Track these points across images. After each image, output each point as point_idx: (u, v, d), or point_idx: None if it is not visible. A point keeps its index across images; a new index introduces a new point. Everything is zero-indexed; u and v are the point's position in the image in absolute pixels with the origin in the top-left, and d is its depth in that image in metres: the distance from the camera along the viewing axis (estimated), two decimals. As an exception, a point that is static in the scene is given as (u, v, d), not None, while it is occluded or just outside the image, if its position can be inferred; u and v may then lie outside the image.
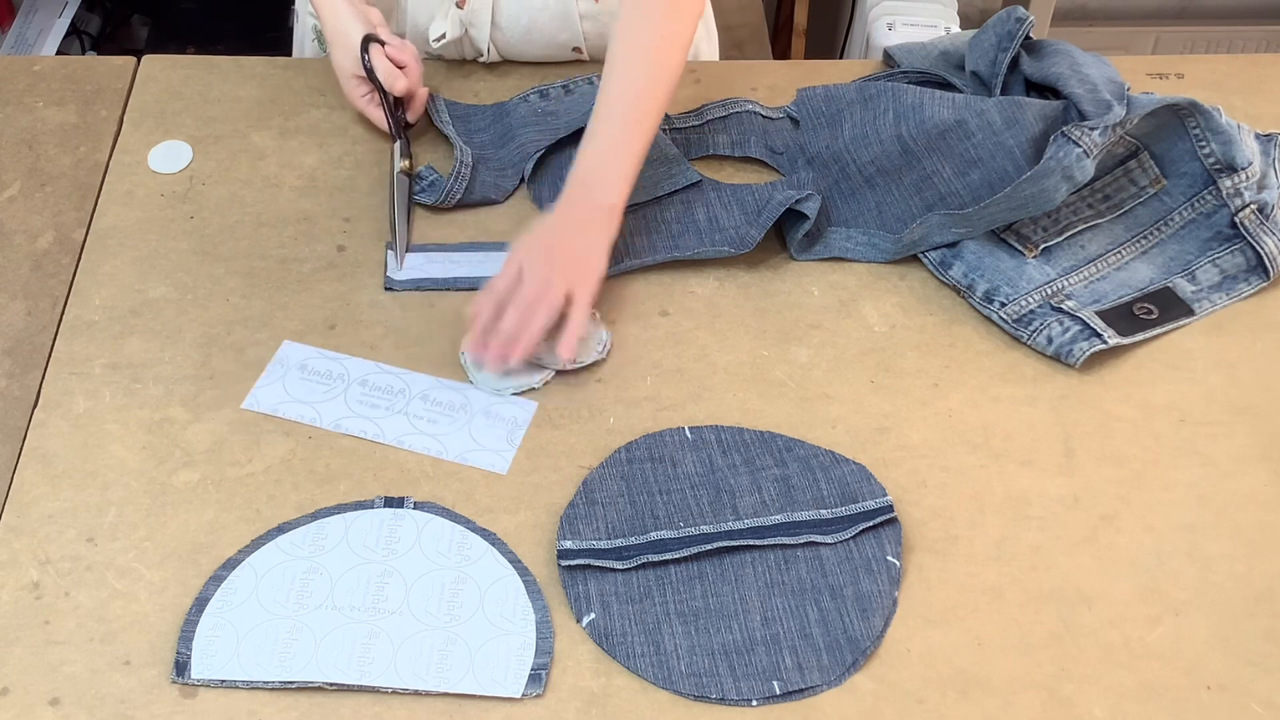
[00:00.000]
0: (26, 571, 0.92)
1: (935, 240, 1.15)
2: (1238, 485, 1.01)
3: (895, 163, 1.18)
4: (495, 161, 1.23)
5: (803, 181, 1.21)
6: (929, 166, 1.17)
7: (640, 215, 1.18)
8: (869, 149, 1.19)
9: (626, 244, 1.15)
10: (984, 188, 1.14)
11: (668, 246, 1.15)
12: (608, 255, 1.09)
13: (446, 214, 1.19)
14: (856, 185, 1.19)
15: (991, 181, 1.14)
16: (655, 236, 1.16)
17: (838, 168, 1.20)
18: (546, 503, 0.98)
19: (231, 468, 0.99)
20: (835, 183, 1.20)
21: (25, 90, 1.29)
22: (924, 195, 1.17)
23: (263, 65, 1.32)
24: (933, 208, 1.16)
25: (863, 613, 0.92)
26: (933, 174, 1.16)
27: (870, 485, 0.99)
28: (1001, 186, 1.13)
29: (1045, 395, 1.07)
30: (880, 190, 1.18)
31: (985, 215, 1.12)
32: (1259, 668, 0.90)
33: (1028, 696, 0.88)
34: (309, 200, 1.19)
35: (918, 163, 1.17)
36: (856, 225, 1.18)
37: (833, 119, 1.24)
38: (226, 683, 0.87)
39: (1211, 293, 1.14)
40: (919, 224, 1.14)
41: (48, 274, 1.12)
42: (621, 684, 0.88)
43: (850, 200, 1.19)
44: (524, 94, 1.29)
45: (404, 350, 1.08)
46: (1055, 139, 1.10)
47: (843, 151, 1.20)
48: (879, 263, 1.16)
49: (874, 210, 1.18)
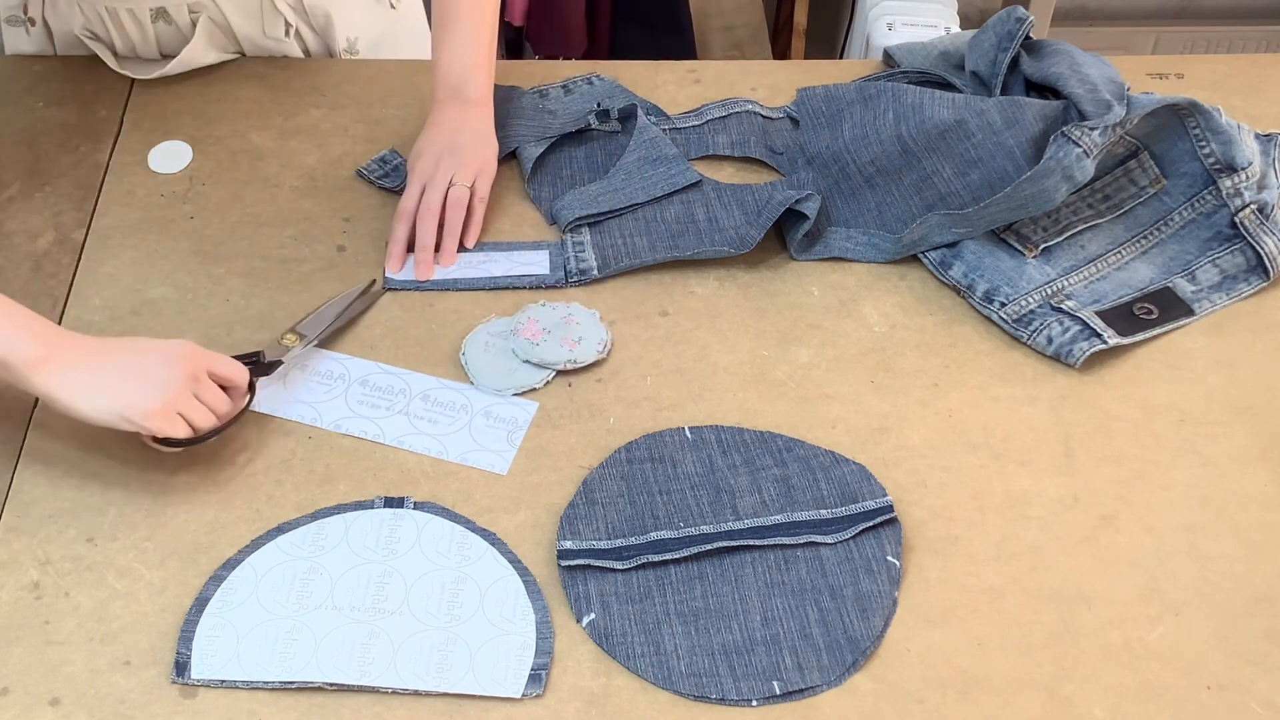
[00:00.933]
0: (26, 571, 0.92)
1: (935, 240, 1.15)
2: (1238, 485, 1.01)
3: (895, 163, 1.18)
4: None
5: (802, 181, 1.21)
6: (929, 166, 1.17)
7: (640, 215, 1.18)
8: (869, 149, 1.19)
9: (626, 244, 1.15)
10: (984, 188, 1.14)
11: (667, 246, 1.15)
12: (495, 143, 1.20)
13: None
14: (856, 185, 1.19)
15: (991, 181, 1.14)
16: (655, 237, 1.16)
17: (838, 168, 1.20)
18: (546, 503, 0.98)
19: (231, 468, 0.99)
20: (835, 183, 1.20)
21: (25, 90, 1.29)
22: (924, 195, 1.17)
23: (263, 65, 1.32)
24: (933, 208, 1.16)
25: (863, 613, 0.92)
26: (933, 174, 1.16)
27: (870, 485, 0.99)
28: (1001, 186, 1.13)
29: (1045, 395, 1.07)
30: (880, 190, 1.18)
31: (985, 215, 1.12)
32: (1259, 668, 0.90)
33: (1028, 696, 0.88)
34: (309, 200, 1.19)
35: (917, 163, 1.17)
36: (856, 225, 1.18)
37: (833, 119, 1.24)
38: (226, 683, 0.87)
39: (1211, 293, 1.14)
40: (919, 224, 1.14)
41: (48, 274, 1.12)
42: (621, 684, 0.88)
43: (850, 200, 1.19)
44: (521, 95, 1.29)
45: (404, 350, 1.08)
46: (1055, 139, 1.10)
47: (843, 152, 1.20)
48: (879, 262, 1.16)
49: (874, 210, 1.18)
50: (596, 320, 1.10)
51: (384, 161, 1.22)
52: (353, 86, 1.30)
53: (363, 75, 1.32)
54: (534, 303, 1.11)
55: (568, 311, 1.09)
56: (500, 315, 1.10)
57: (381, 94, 1.29)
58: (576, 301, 1.11)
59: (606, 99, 1.28)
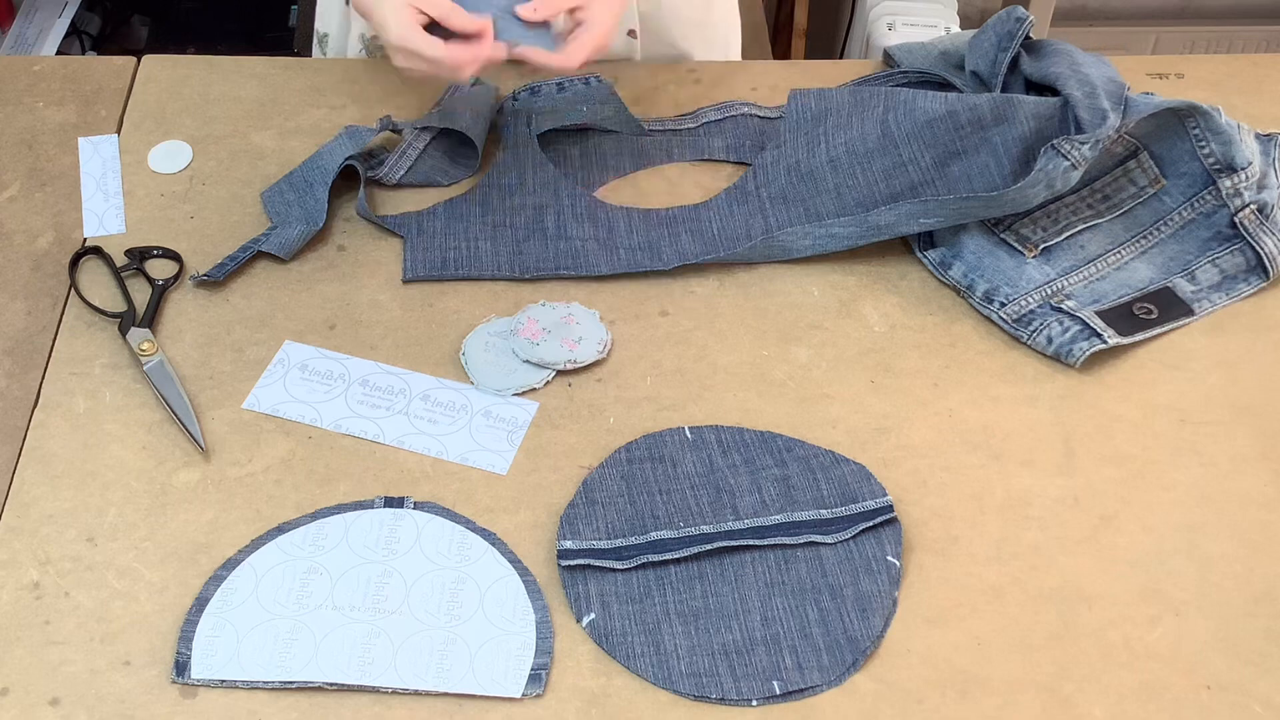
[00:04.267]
0: (26, 571, 0.93)
1: (902, 229, 1.13)
2: (1238, 485, 1.01)
3: (870, 146, 1.17)
4: (446, 146, 1.23)
5: (773, 196, 1.19)
6: (906, 154, 1.16)
7: (488, 219, 1.17)
8: (845, 133, 1.18)
9: (471, 249, 1.15)
10: (961, 180, 1.14)
11: (511, 256, 1.14)
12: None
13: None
14: (821, 177, 1.18)
15: (970, 175, 1.14)
16: (500, 242, 1.15)
17: (811, 182, 1.19)
18: (546, 503, 0.98)
19: (231, 468, 0.99)
20: (805, 199, 1.18)
21: (25, 90, 1.29)
22: (891, 183, 1.16)
23: (263, 65, 1.32)
24: (898, 196, 1.15)
25: (863, 613, 0.92)
26: (909, 161, 1.16)
27: (870, 485, 0.99)
28: (980, 180, 1.13)
29: (1045, 395, 1.07)
30: (843, 172, 1.17)
31: (963, 208, 1.11)
32: (1259, 668, 0.91)
33: (1028, 696, 0.88)
34: (309, 200, 1.19)
35: (894, 149, 1.16)
36: (813, 220, 1.16)
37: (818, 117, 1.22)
38: (226, 683, 0.87)
39: (1211, 293, 1.14)
40: (888, 209, 1.12)
41: (48, 274, 1.12)
42: (621, 684, 0.88)
43: (813, 199, 1.18)
44: (514, 92, 1.28)
45: (404, 350, 1.08)
46: (1045, 151, 1.10)
47: (820, 166, 1.19)
48: (838, 251, 1.14)
49: (832, 193, 1.17)
50: (596, 320, 1.10)
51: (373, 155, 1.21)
52: (353, 86, 1.30)
53: (363, 75, 1.32)
54: (534, 303, 1.11)
55: (567, 311, 1.10)
56: (500, 315, 1.10)
57: (381, 94, 1.29)
58: (576, 301, 1.11)
59: (598, 103, 1.26)
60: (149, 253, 1.13)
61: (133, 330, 1.06)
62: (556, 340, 1.07)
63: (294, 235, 1.13)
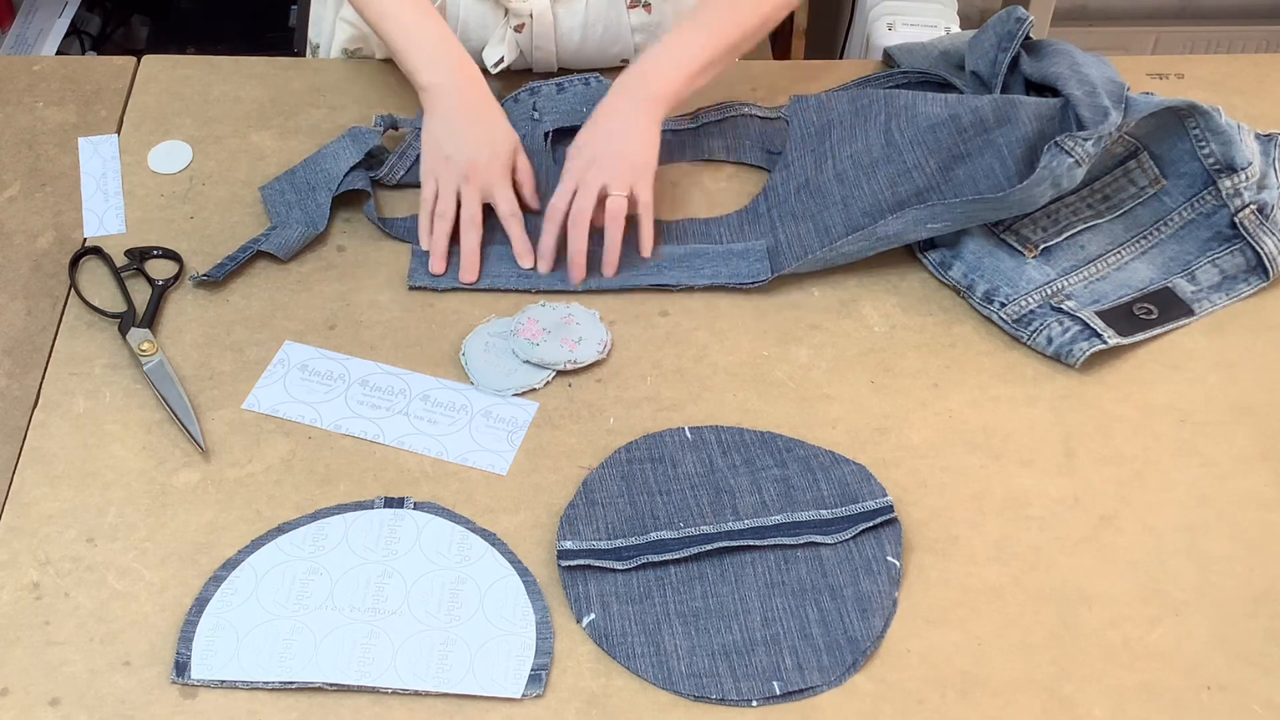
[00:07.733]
0: (26, 572, 0.92)
1: (910, 236, 1.13)
2: (1238, 485, 1.01)
3: (875, 155, 1.17)
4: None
5: (783, 215, 1.18)
6: (911, 160, 1.16)
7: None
8: (851, 145, 1.18)
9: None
10: (967, 183, 1.14)
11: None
12: (657, 144, 1.12)
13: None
14: (829, 191, 1.18)
15: (975, 178, 1.14)
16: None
17: (820, 197, 1.19)
18: (546, 503, 0.98)
19: (231, 468, 0.99)
20: (813, 214, 1.18)
21: (25, 90, 1.29)
22: (898, 189, 1.16)
23: (263, 65, 1.32)
24: (905, 203, 1.15)
25: (863, 613, 0.92)
26: (914, 167, 1.16)
27: (870, 485, 0.99)
28: (986, 183, 1.13)
29: (1045, 395, 1.07)
30: (849, 184, 1.17)
31: (969, 211, 1.12)
32: (1259, 668, 0.90)
33: (1028, 697, 0.88)
34: (309, 200, 1.19)
35: (899, 156, 1.16)
36: (822, 234, 1.16)
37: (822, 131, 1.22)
38: (226, 683, 0.87)
39: (1211, 293, 1.14)
40: (895, 218, 1.12)
41: (48, 274, 1.12)
42: (621, 684, 0.88)
43: (820, 215, 1.17)
44: (515, 94, 1.27)
45: (404, 350, 1.08)
46: (1049, 149, 1.10)
47: (828, 181, 1.19)
48: (840, 265, 1.14)
49: (839, 205, 1.17)
50: (596, 320, 1.10)
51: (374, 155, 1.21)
52: (353, 86, 1.30)
53: (363, 75, 1.32)
54: (534, 303, 1.11)
55: (567, 311, 1.10)
56: (500, 315, 1.10)
57: (381, 94, 1.29)
58: (576, 302, 1.11)
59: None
60: (149, 253, 1.13)
61: (133, 330, 1.06)
62: (556, 340, 1.07)
63: (294, 236, 1.13)
